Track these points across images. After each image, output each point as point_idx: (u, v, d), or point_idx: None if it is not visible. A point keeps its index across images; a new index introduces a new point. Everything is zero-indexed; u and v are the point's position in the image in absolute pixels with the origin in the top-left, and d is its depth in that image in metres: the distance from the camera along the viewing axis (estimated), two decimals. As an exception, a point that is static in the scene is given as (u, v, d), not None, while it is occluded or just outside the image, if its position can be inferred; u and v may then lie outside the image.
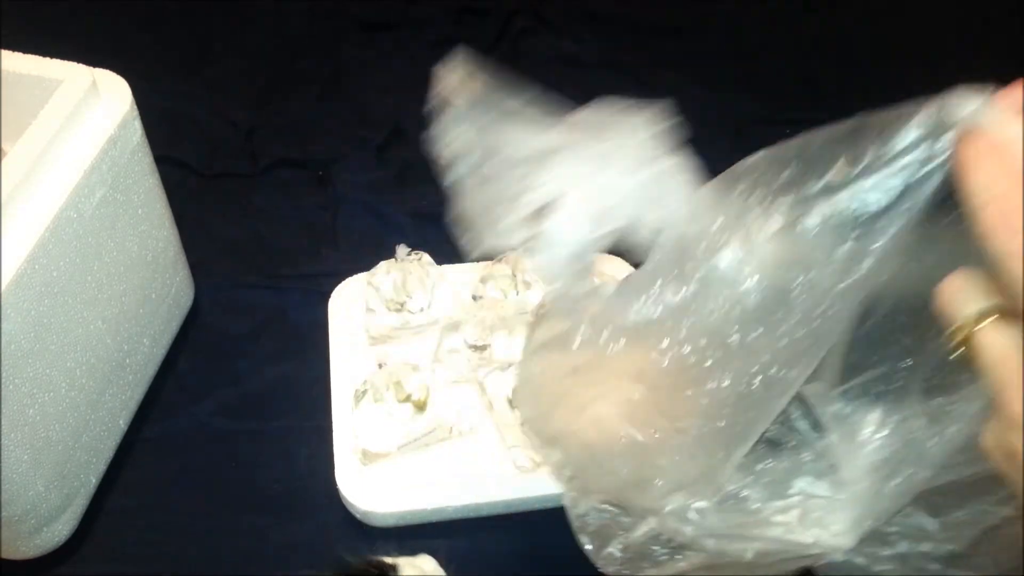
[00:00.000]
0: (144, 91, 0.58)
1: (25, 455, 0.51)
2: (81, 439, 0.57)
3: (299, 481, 0.63)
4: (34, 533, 0.56)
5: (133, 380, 0.63)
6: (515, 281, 0.68)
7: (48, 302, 0.50)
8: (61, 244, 0.50)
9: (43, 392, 0.51)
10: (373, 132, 0.88)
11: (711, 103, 0.94)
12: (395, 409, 0.61)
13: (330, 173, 0.84)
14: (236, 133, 0.87)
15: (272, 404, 0.68)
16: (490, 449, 0.63)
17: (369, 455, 0.61)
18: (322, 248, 0.78)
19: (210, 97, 0.90)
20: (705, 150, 0.99)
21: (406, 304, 0.66)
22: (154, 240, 0.62)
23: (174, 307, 0.68)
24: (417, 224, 0.80)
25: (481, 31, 1.00)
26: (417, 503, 0.59)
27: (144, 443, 0.65)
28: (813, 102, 0.95)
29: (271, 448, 0.65)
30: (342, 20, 1.00)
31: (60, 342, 0.52)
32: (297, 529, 0.61)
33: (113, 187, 0.55)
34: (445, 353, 0.65)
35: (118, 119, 0.54)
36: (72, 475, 0.57)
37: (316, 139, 0.88)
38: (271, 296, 0.74)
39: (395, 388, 0.61)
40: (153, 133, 0.59)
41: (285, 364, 0.70)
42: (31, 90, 0.53)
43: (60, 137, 0.51)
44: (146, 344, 0.64)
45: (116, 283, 0.57)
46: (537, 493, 0.60)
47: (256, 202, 0.82)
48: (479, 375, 0.65)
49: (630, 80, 0.96)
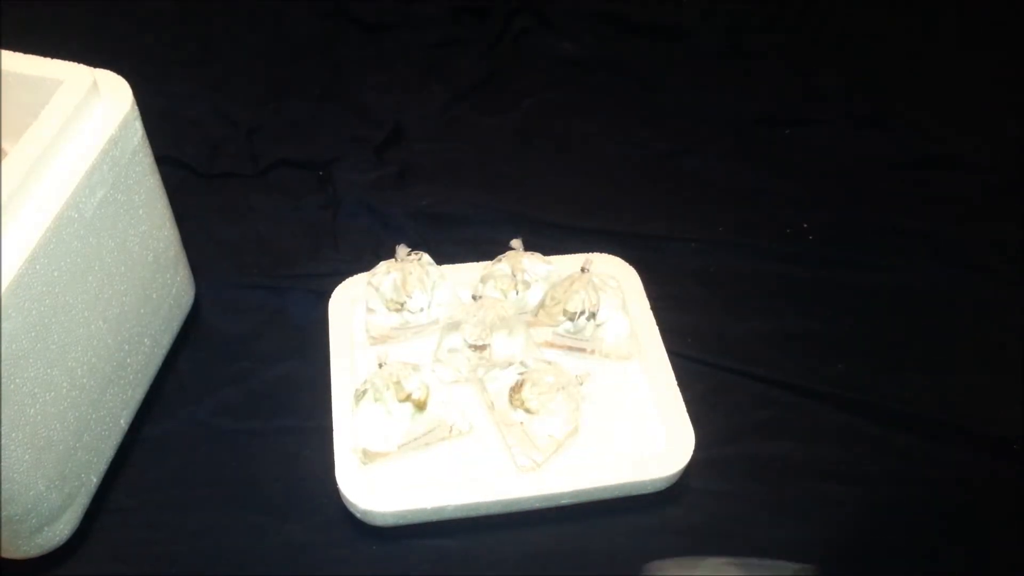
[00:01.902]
0: (145, 91, 0.59)
1: (26, 454, 0.51)
2: (82, 439, 0.57)
3: (299, 481, 0.63)
4: (35, 532, 0.56)
5: (134, 380, 0.63)
6: (515, 281, 0.68)
7: (49, 302, 0.50)
8: (62, 244, 0.50)
9: (44, 392, 0.51)
10: (373, 132, 0.88)
11: (711, 103, 0.94)
12: (395, 409, 0.61)
13: (330, 173, 0.85)
14: (237, 133, 0.87)
15: (272, 404, 0.68)
16: (490, 449, 0.63)
17: (369, 454, 0.61)
18: (322, 248, 0.78)
19: (211, 97, 0.90)
20: (705, 150, 1.00)
21: (406, 304, 0.67)
22: (155, 240, 0.62)
23: (175, 307, 0.68)
24: (417, 224, 0.80)
25: (481, 31, 1.00)
26: (417, 502, 0.59)
27: (145, 443, 0.65)
28: (813, 102, 0.95)
29: (271, 448, 0.65)
30: (342, 20, 1.01)
31: (61, 342, 0.52)
32: (297, 529, 0.61)
33: (114, 187, 0.55)
34: (445, 353, 0.65)
35: (119, 119, 0.54)
36: (73, 474, 0.57)
37: (316, 139, 0.88)
38: (271, 296, 0.74)
39: (395, 388, 0.61)
40: (154, 133, 0.59)
41: (285, 364, 0.70)
42: (32, 90, 0.53)
43: (61, 137, 0.51)
44: (147, 344, 0.64)
45: (117, 283, 0.57)
46: (537, 493, 0.60)
47: (256, 202, 0.82)
48: (479, 375, 0.65)
49: (630, 80, 0.96)
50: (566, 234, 0.80)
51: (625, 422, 0.65)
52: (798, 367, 0.71)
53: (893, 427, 0.68)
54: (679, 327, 0.72)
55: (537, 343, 0.68)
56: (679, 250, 0.80)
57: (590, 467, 0.62)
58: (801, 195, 0.85)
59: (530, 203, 0.83)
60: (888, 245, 0.81)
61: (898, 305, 0.76)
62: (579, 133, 0.91)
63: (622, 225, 0.81)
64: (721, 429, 0.67)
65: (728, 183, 0.86)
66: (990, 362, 0.73)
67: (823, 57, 1.00)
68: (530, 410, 0.61)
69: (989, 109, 0.95)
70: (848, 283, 0.78)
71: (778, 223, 0.82)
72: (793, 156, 0.89)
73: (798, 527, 0.62)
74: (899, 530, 0.63)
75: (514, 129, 0.91)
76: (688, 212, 0.83)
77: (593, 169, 0.87)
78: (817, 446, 0.67)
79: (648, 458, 0.62)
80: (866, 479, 0.65)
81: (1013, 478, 0.66)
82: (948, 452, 0.67)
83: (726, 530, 0.62)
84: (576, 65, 0.98)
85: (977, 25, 1.05)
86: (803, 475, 0.65)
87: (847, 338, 0.74)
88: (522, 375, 0.62)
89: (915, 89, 0.97)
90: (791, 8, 1.05)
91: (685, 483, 0.64)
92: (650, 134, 0.91)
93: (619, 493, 0.62)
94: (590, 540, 0.61)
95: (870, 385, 0.70)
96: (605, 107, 0.94)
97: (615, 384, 0.67)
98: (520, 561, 0.60)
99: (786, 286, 0.77)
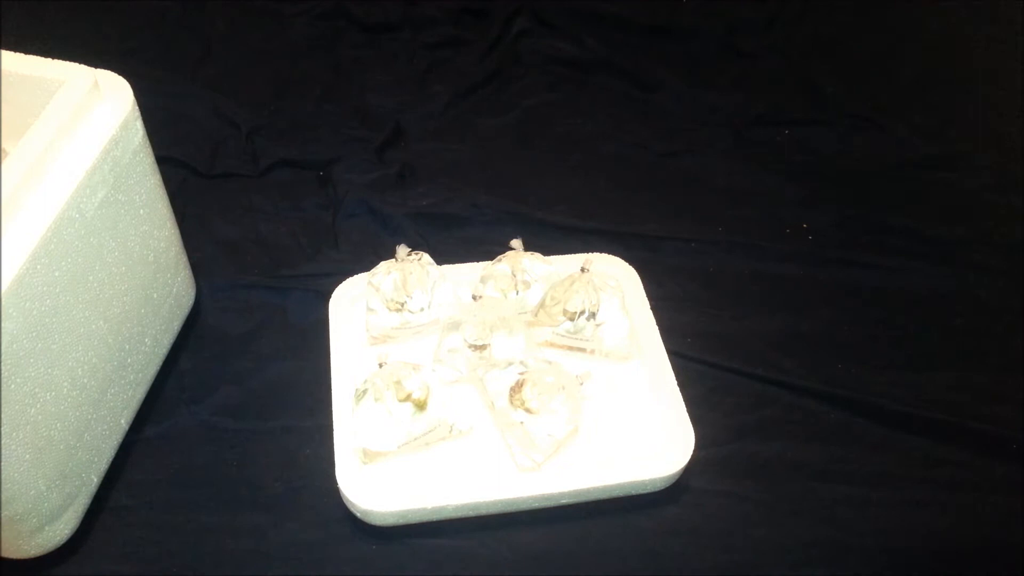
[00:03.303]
0: (146, 92, 0.59)
1: (27, 454, 0.51)
2: (83, 438, 0.57)
3: (299, 480, 0.63)
4: (36, 532, 0.56)
5: (134, 379, 0.63)
6: (515, 281, 0.68)
7: (50, 302, 0.50)
8: (63, 244, 0.50)
9: (45, 391, 0.51)
10: (373, 132, 0.89)
11: (711, 103, 0.94)
12: (395, 408, 0.61)
13: (330, 173, 0.85)
14: (237, 133, 0.87)
15: (273, 403, 0.68)
16: (490, 449, 0.63)
17: (369, 454, 0.61)
18: (322, 248, 0.78)
19: (211, 98, 0.90)
20: (705, 150, 1.00)
21: (406, 304, 0.67)
22: (156, 240, 0.62)
23: (175, 307, 0.68)
24: (417, 224, 0.80)
25: (481, 31, 1.00)
26: (417, 502, 0.59)
27: (145, 442, 0.65)
28: (813, 102, 0.95)
29: (271, 447, 0.65)
30: (342, 20, 1.01)
31: (62, 342, 0.52)
32: (297, 528, 0.61)
33: (115, 187, 0.55)
34: (445, 353, 0.66)
35: (120, 120, 0.54)
36: (73, 474, 0.57)
37: (316, 139, 0.88)
38: (272, 296, 0.74)
39: (395, 387, 0.61)
40: (155, 134, 0.59)
41: (286, 363, 0.70)
42: (33, 91, 0.53)
43: (62, 138, 0.51)
44: (147, 344, 0.64)
45: (118, 283, 0.57)
46: (537, 493, 0.60)
47: (257, 202, 0.82)
48: (479, 374, 0.65)
49: (630, 80, 0.97)
50: (566, 234, 0.80)
51: (625, 422, 0.65)
52: (798, 367, 0.71)
53: (893, 427, 0.68)
54: (679, 327, 0.72)
55: (537, 343, 0.68)
56: (679, 250, 0.80)
57: (590, 467, 0.62)
58: (801, 195, 0.85)
59: (530, 203, 0.83)
60: (888, 245, 0.81)
61: (898, 305, 0.77)
62: (579, 133, 0.91)
63: (622, 225, 0.81)
64: (721, 429, 0.67)
65: (728, 183, 0.86)
66: (990, 362, 0.73)
67: (823, 57, 1.00)
68: (530, 410, 0.61)
69: (989, 109, 0.95)
70: (848, 283, 0.78)
71: (778, 223, 0.82)
72: (793, 156, 0.89)
73: (798, 527, 0.63)
74: (899, 530, 0.63)
75: (514, 129, 0.91)
76: (688, 212, 0.83)
77: (593, 169, 0.87)
78: (817, 446, 0.67)
79: (648, 458, 0.62)
80: (866, 479, 0.65)
81: (1013, 478, 0.66)
82: (948, 452, 0.67)
83: (726, 530, 0.62)
84: (576, 65, 0.98)
85: (977, 25, 1.05)
86: (803, 475, 0.65)
87: (847, 338, 0.74)
88: (522, 375, 0.62)
89: (914, 89, 0.97)
90: (791, 8, 1.05)
91: (685, 483, 0.64)
92: (650, 134, 0.91)
93: (619, 493, 0.62)
94: (590, 540, 0.61)
95: (870, 385, 0.70)
96: (605, 107, 0.94)
97: (615, 384, 0.67)
98: (520, 561, 0.60)
99: (786, 286, 0.78)
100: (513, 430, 0.62)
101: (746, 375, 0.71)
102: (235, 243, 0.78)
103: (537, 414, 0.61)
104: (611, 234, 0.80)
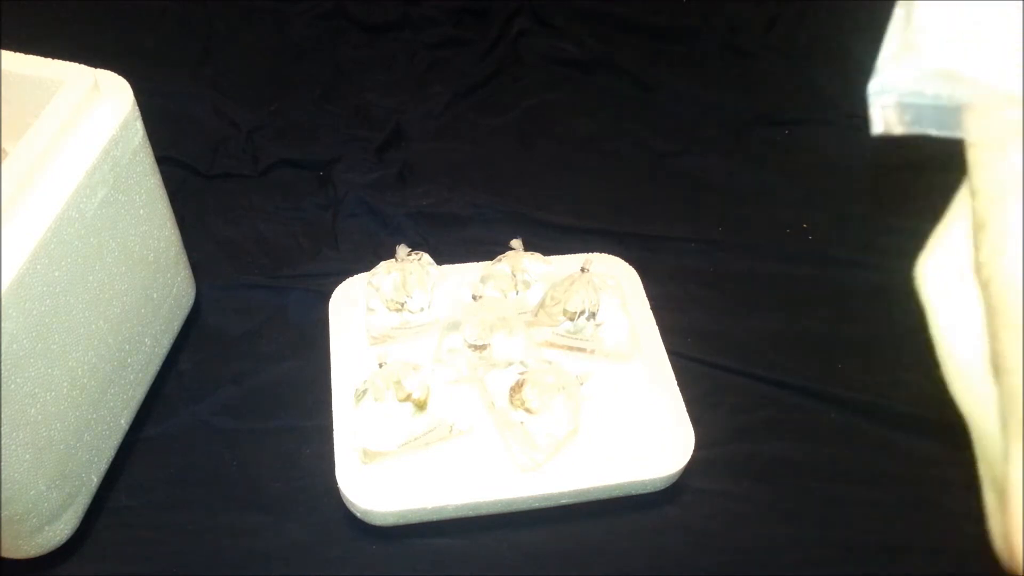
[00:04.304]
0: (145, 91, 0.59)
1: (27, 454, 0.51)
2: (83, 438, 0.57)
3: (299, 481, 0.63)
4: (35, 532, 0.56)
5: (134, 379, 0.63)
6: (515, 281, 0.68)
7: (50, 302, 0.50)
8: (63, 244, 0.50)
9: (45, 391, 0.51)
10: (373, 132, 0.89)
11: (711, 103, 0.94)
12: (395, 408, 0.61)
13: (330, 173, 0.85)
14: (237, 133, 0.87)
15: (273, 403, 0.68)
16: (490, 449, 0.63)
17: (369, 454, 0.61)
18: (322, 248, 0.78)
19: (211, 97, 0.90)
20: (705, 150, 1.00)
21: (406, 304, 0.67)
22: (156, 240, 0.62)
23: (175, 307, 0.68)
24: (417, 224, 0.80)
25: (481, 32, 1.00)
26: (417, 502, 0.59)
27: (145, 442, 0.65)
28: (813, 102, 0.95)
29: (271, 447, 0.65)
30: (342, 21, 1.01)
31: (62, 342, 0.52)
32: (297, 528, 0.61)
33: (115, 187, 0.55)
34: (445, 353, 0.66)
35: (120, 120, 0.54)
36: (73, 474, 0.57)
37: (316, 139, 0.88)
38: (272, 296, 0.75)
39: (395, 387, 0.61)
40: (155, 133, 0.59)
41: (286, 363, 0.70)
42: (32, 91, 0.53)
43: (62, 138, 0.51)
44: (147, 344, 0.64)
45: (118, 283, 0.57)
46: (537, 493, 0.60)
47: (257, 202, 0.82)
48: (479, 374, 0.65)
49: (630, 80, 0.97)
50: (566, 234, 0.80)
51: (625, 422, 0.65)
52: (798, 367, 0.71)
53: (893, 427, 0.68)
54: (679, 327, 0.72)
55: (537, 343, 0.68)
56: (679, 250, 0.80)
57: (590, 467, 0.62)
58: (801, 195, 0.85)
59: (530, 203, 0.83)
60: (888, 245, 0.81)
61: (898, 305, 0.76)
62: (579, 133, 0.91)
63: (622, 225, 0.81)
64: (721, 429, 0.67)
65: (728, 183, 0.86)
66: (990, 362, 0.73)
67: (823, 57, 1.00)
68: (530, 410, 0.61)
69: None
70: (848, 283, 0.78)
71: (778, 223, 0.82)
72: (793, 156, 0.89)
73: (798, 527, 0.63)
74: (899, 530, 0.63)
75: (514, 129, 0.91)
76: (688, 212, 0.83)
77: (593, 169, 0.87)
78: (817, 446, 0.67)
79: (648, 458, 0.62)
80: (866, 479, 0.65)
81: (1013, 478, 0.66)
82: (948, 452, 0.67)
83: (726, 530, 0.62)
84: (576, 65, 0.98)
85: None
86: (803, 475, 0.65)
87: (847, 338, 0.74)
88: (522, 375, 0.62)
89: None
90: (791, 8, 1.05)
91: (685, 483, 0.64)
92: (650, 134, 0.91)
93: (619, 493, 0.62)
94: (590, 540, 0.62)
95: (870, 385, 0.70)
96: (605, 107, 0.94)
97: (615, 384, 0.67)
98: (520, 561, 0.60)
99: (786, 286, 0.78)
100: (513, 430, 0.62)
101: (746, 375, 0.71)
102: (235, 243, 0.78)
103: (537, 414, 0.61)
104: (611, 234, 0.80)
